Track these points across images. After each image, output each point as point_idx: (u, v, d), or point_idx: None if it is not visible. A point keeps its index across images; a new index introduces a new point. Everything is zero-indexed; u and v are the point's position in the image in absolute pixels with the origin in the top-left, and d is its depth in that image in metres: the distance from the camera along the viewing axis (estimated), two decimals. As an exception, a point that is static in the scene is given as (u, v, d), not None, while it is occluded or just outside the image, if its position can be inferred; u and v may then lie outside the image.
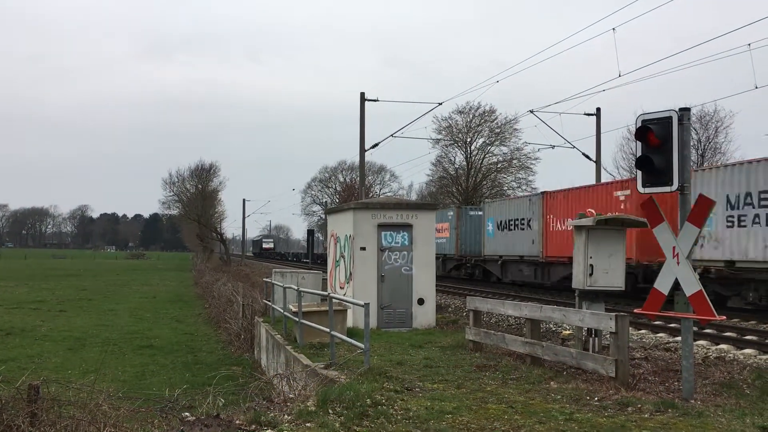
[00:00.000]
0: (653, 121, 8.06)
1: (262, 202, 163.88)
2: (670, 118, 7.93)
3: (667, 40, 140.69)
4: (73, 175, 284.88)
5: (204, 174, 76.39)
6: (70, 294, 37.44)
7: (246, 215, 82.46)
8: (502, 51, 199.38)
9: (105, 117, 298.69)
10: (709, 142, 45.02)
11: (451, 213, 35.89)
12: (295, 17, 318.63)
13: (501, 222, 30.25)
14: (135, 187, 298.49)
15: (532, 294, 26.19)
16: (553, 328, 15.92)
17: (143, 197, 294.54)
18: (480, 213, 33.05)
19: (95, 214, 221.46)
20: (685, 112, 7.98)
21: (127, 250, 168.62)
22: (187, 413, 7.46)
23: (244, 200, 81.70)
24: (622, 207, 20.82)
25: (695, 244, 8.01)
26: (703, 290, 7.79)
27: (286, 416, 7.14)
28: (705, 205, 7.84)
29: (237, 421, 6.84)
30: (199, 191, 75.05)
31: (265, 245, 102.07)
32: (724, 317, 8.56)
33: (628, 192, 21.05)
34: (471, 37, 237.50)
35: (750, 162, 17.66)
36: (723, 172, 18.12)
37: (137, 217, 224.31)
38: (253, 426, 6.72)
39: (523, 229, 28.28)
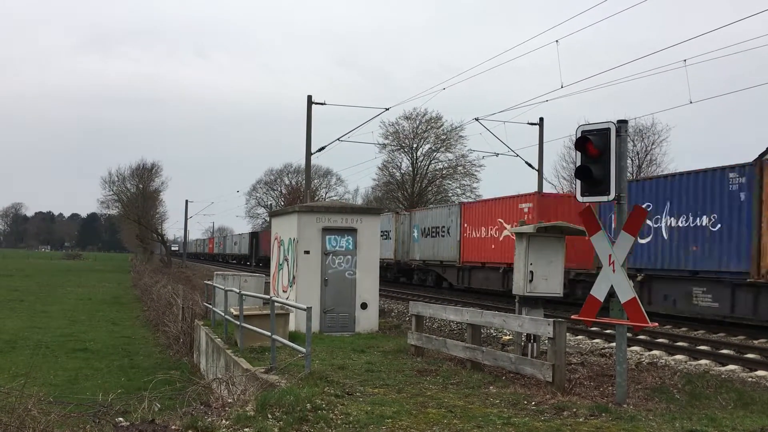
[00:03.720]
0: (592, 132, 8.25)
1: (205, 203, 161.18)
2: (609, 129, 8.13)
3: (616, 54, 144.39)
4: (6, 171, 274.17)
5: (145, 173, 74.89)
6: (1, 294, 35.97)
7: (188, 216, 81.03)
8: (453, 56, 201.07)
9: (42, 111, 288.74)
10: (646, 154, 46.56)
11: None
12: (244, 14, 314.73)
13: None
14: (72, 186, 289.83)
15: (474, 300, 26.53)
16: (494, 334, 16.15)
17: (81, 196, 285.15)
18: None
19: (30, 213, 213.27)
20: (622, 124, 8.21)
21: (63, 250, 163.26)
22: (121, 418, 7.28)
23: (186, 201, 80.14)
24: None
25: (630, 252, 8.25)
26: (637, 298, 8.02)
27: (224, 421, 7.03)
28: (639, 214, 8.10)
29: (173, 426, 6.70)
30: (140, 191, 73.51)
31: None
32: (657, 324, 8.85)
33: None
34: (422, 41, 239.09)
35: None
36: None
37: (74, 216, 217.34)
38: (190, 431, 6.59)
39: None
